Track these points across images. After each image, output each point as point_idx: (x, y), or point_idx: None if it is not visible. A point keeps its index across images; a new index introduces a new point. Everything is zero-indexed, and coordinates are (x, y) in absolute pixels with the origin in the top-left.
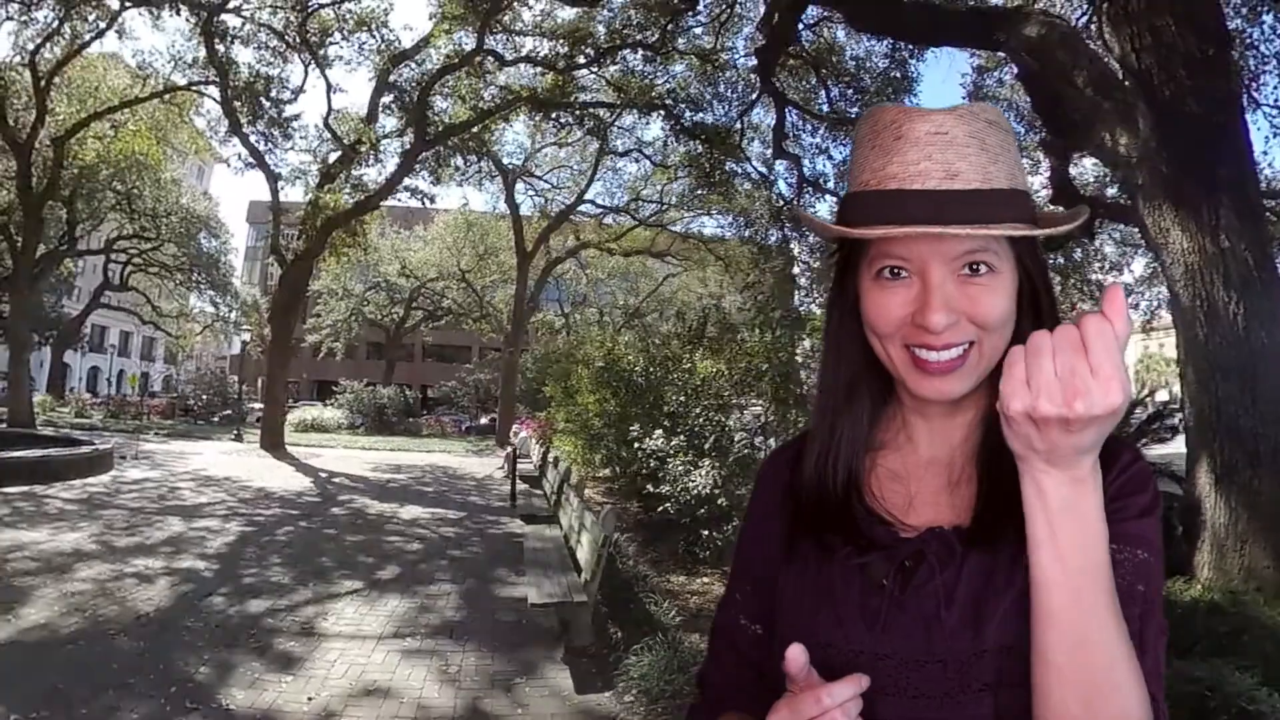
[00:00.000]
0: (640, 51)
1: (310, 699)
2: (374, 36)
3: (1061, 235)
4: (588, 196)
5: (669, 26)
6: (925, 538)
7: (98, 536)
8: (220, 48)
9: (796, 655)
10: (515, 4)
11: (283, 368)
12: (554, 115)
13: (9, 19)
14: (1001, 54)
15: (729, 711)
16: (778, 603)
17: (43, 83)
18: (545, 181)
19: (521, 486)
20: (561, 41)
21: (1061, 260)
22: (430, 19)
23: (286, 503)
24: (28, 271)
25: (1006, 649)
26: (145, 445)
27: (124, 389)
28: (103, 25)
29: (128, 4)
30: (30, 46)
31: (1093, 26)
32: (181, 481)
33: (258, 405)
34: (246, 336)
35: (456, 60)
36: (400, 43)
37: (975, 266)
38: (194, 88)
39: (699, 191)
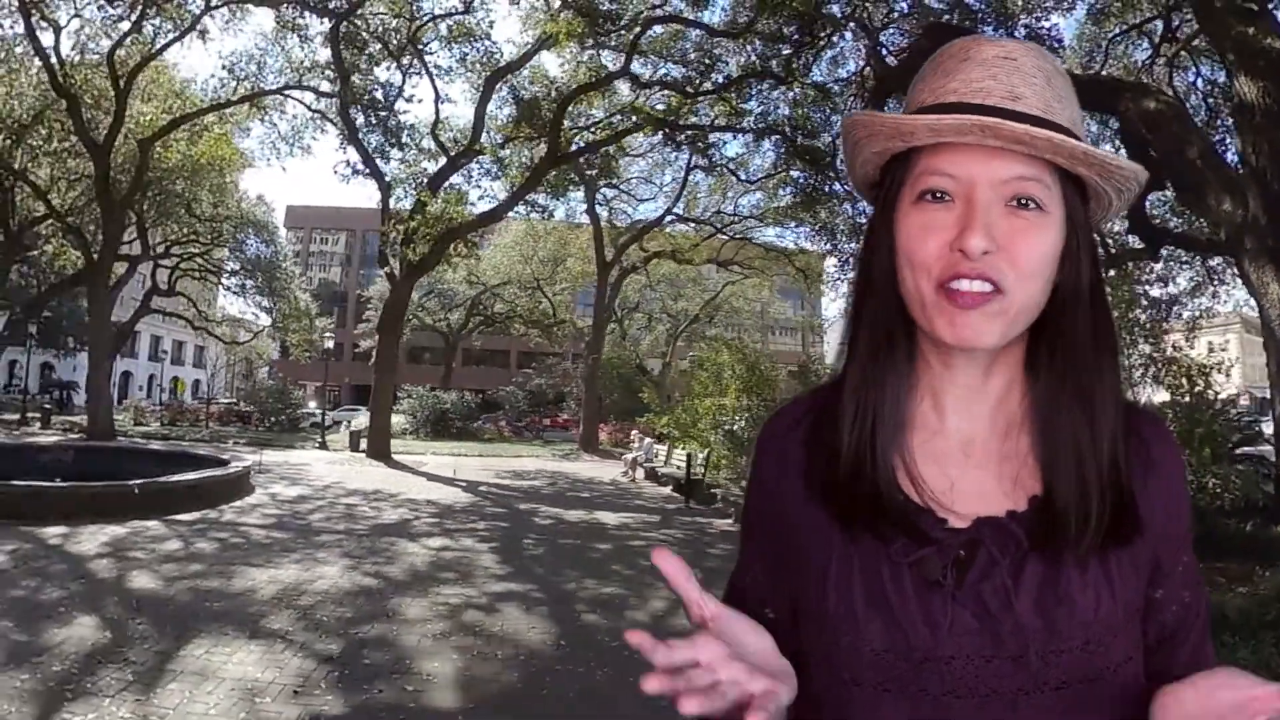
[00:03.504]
0: (767, 79)
1: None
2: (474, 48)
3: (1122, 176)
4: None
5: (791, 58)
6: (979, 526)
7: (360, 568)
8: (347, 54)
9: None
10: (649, 26)
11: (390, 378)
12: (676, 136)
13: (75, 15)
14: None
15: None
16: (818, 598)
17: (122, 83)
18: (617, 189)
19: (665, 490)
20: (692, 67)
21: (1113, 272)
22: (529, 35)
23: (481, 515)
24: (105, 275)
25: (1084, 645)
26: (250, 458)
27: (156, 394)
28: (185, 25)
29: (263, 5)
30: (92, 45)
31: (1154, 66)
32: (342, 498)
33: (305, 411)
34: (331, 344)
35: (594, 80)
36: (501, 54)
37: (1024, 201)
38: (285, 92)
39: (790, 207)
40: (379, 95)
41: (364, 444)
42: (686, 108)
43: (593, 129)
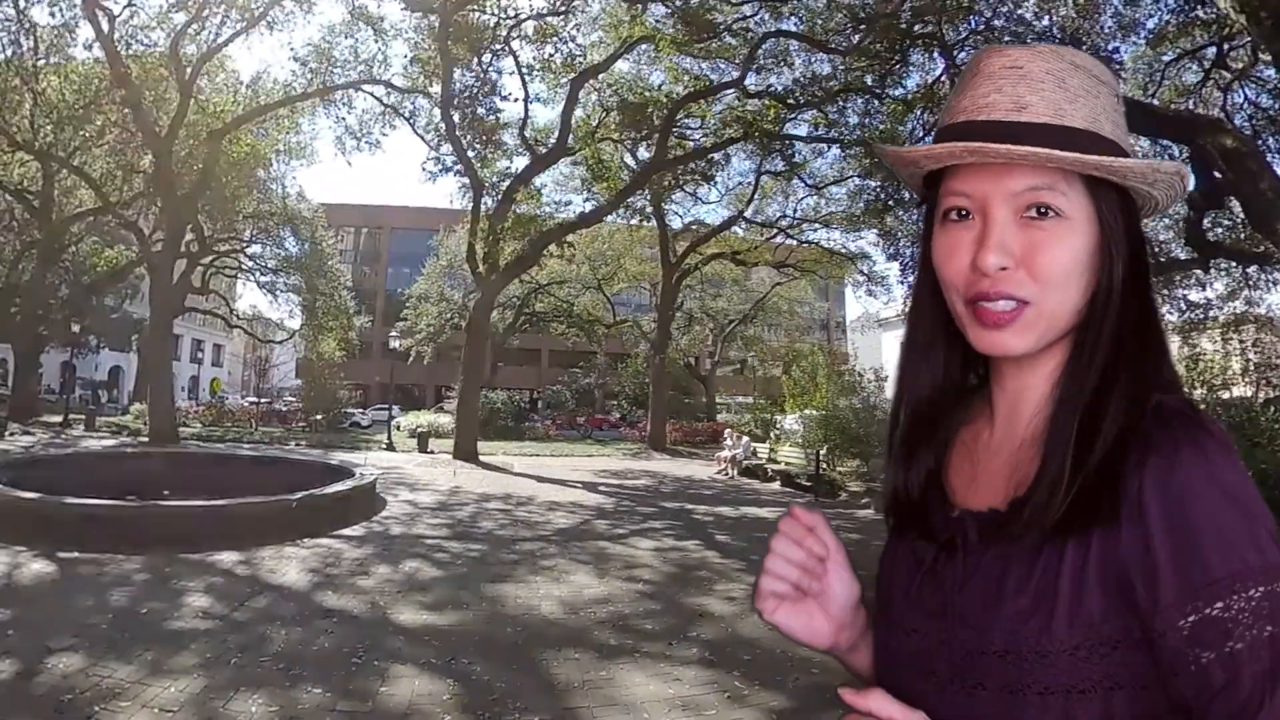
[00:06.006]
0: (862, 94)
1: None
2: (559, 49)
3: (1135, 174)
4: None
5: (885, 74)
6: (959, 520)
7: (608, 575)
8: (454, 49)
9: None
10: (765, 41)
11: (478, 379)
12: (773, 145)
13: (130, 4)
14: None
15: None
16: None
17: (188, 74)
18: (682, 190)
19: (774, 485)
20: (795, 82)
21: (1159, 278)
22: (595, 36)
23: (639, 515)
24: (167, 273)
25: (1004, 654)
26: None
27: (178, 393)
28: (254, 16)
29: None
30: (142, 35)
31: (1205, 92)
32: (487, 505)
33: (346, 410)
34: (398, 344)
35: (706, 88)
36: (584, 57)
37: (1043, 210)
38: (361, 87)
39: (862, 214)
40: (479, 93)
41: (432, 445)
42: (781, 118)
43: (685, 129)
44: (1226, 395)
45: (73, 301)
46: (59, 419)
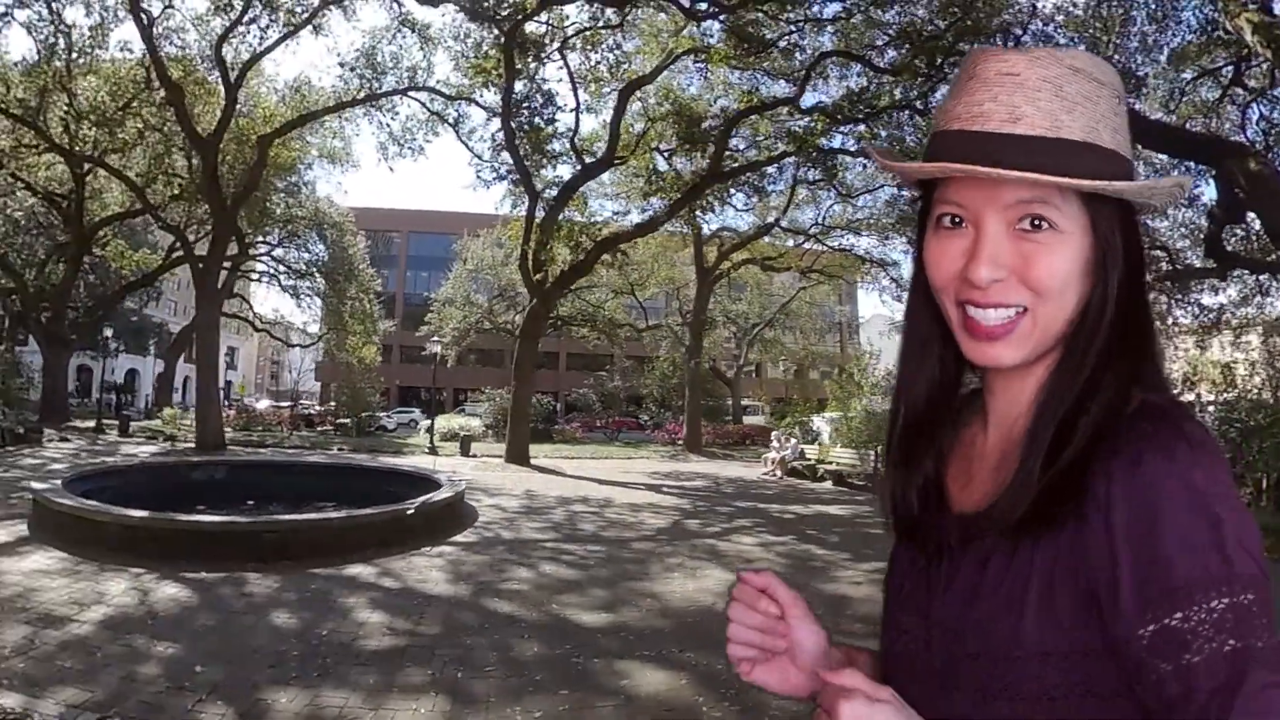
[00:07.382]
0: (906, 111)
1: None
2: (604, 58)
3: (1127, 194)
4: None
5: (926, 91)
6: (948, 523)
7: (733, 569)
8: (518, 60)
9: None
10: (822, 59)
11: (529, 385)
12: (814, 157)
13: (168, 7)
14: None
15: None
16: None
17: (233, 76)
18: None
19: (827, 485)
20: (843, 98)
21: (1174, 284)
22: (632, 45)
23: (719, 514)
24: (214, 277)
25: (977, 656)
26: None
27: (191, 395)
28: (301, 19)
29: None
30: (178, 37)
31: (1221, 108)
32: (572, 509)
33: (371, 414)
34: (437, 348)
35: (759, 104)
36: (629, 64)
37: (1036, 222)
38: (410, 93)
39: (894, 222)
40: (538, 102)
41: (474, 449)
42: (826, 131)
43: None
44: (1255, 397)
45: (100, 305)
46: (90, 424)
